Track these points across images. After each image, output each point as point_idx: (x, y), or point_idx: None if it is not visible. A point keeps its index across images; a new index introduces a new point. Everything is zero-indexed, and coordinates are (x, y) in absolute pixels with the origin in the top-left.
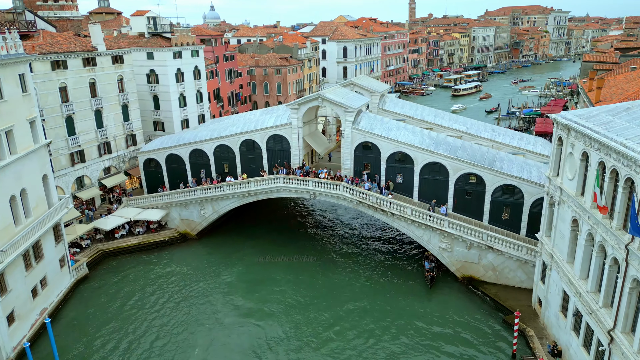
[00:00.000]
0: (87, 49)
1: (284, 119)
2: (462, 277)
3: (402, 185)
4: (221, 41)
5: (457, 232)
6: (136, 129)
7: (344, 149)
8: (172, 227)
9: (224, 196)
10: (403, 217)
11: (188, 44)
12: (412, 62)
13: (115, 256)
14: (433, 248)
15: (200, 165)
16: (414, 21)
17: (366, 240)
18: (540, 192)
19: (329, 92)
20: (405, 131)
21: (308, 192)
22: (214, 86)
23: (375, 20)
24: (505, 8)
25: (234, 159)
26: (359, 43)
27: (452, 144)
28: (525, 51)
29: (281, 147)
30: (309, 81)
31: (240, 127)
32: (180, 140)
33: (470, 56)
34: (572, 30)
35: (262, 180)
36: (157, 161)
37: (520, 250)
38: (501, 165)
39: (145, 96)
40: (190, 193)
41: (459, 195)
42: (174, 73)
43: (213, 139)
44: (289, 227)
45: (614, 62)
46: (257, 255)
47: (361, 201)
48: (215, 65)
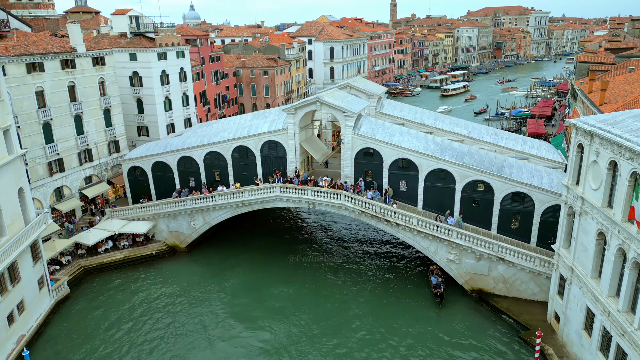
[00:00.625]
0: (65, 50)
1: (279, 124)
2: (471, 289)
3: (406, 193)
4: (207, 41)
5: (466, 243)
6: (119, 134)
7: (344, 156)
8: (159, 239)
9: (216, 207)
10: (409, 228)
11: (173, 44)
12: (397, 62)
13: (99, 273)
14: (440, 260)
15: (189, 173)
16: (397, 21)
17: (366, 249)
18: (552, 200)
19: (327, 96)
20: (409, 136)
21: (307, 202)
22: (200, 88)
23: (360, 21)
24: (487, 8)
25: (226, 167)
26: (346, 43)
27: (458, 150)
28: (508, 51)
29: (276, 153)
30: (297, 82)
31: (233, 132)
32: (167, 147)
33: (455, 56)
34: (552, 30)
35: (257, 189)
36: (143, 169)
37: (533, 262)
38: (510, 172)
39: (128, 100)
40: (179, 204)
41: (466, 204)
42: (158, 75)
43: (203, 145)
44: (285, 235)
45: (610, 62)
46: (252, 269)
47: (364, 211)
48: (201, 67)
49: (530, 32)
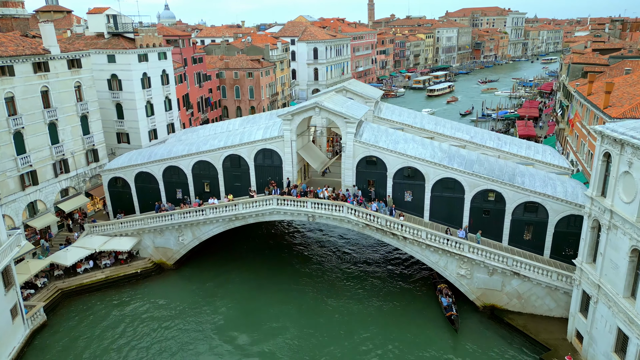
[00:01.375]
0: (38, 52)
1: (274, 130)
2: (483, 306)
3: (411, 203)
4: (189, 42)
5: (478, 257)
6: (98, 142)
7: (345, 164)
8: (144, 256)
9: (207, 221)
10: (417, 242)
11: (155, 45)
12: (380, 63)
13: (79, 295)
14: (450, 275)
15: (176, 184)
16: (377, 22)
17: (368, 263)
18: (567, 210)
19: (326, 101)
20: (414, 143)
21: (306, 215)
22: (183, 91)
23: (343, 21)
24: (465, 9)
25: (216, 177)
26: (330, 44)
27: (467, 157)
28: (487, 52)
29: (271, 162)
30: (282, 84)
31: (223, 140)
32: (152, 156)
33: (435, 57)
34: (529, 31)
35: (252, 202)
36: (125, 180)
37: (550, 277)
38: (522, 180)
39: (106, 105)
40: (166, 218)
41: (476, 214)
42: (139, 78)
43: (191, 154)
44: (279, 247)
45: (604, 64)
46: (247, 285)
47: (368, 224)
48: (184, 69)
49: (508, 33)
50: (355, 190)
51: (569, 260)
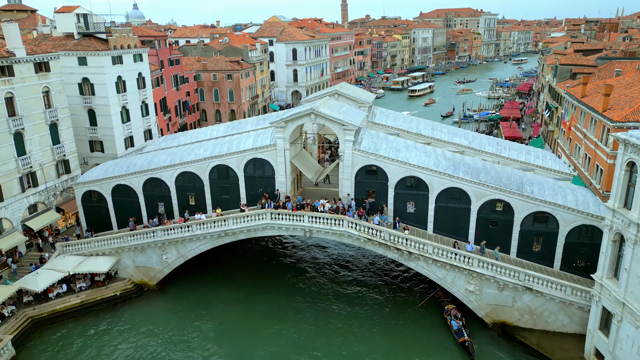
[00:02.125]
0: (1, 55)
1: (265, 139)
2: (493, 322)
3: (414, 215)
4: (165, 43)
5: (488, 272)
6: (69, 152)
7: (343, 174)
8: (124, 276)
9: (193, 237)
10: (423, 257)
11: (129, 46)
12: (358, 64)
13: (52, 324)
14: (458, 291)
15: (158, 197)
16: (353, 22)
17: (365, 272)
18: (579, 220)
19: (322, 106)
20: (416, 151)
21: (303, 230)
22: (160, 95)
23: (320, 21)
24: (439, 10)
25: (202, 189)
26: (309, 45)
27: (472, 166)
28: (461, 52)
29: (263, 173)
30: (262, 86)
31: (210, 149)
32: (130, 167)
33: (411, 57)
34: (500, 32)
35: (244, 216)
36: (100, 194)
37: (564, 291)
38: (531, 189)
39: (77, 111)
40: (148, 235)
41: (483, 226)
42: (113, 82)
43: (175, 165)
44: (272, 261)
45: (592, 65)
46: (238, 304)
47: (371, 239)
48: (161, 71)
49: (481, 34)
50: (349, 200)
51: (580, 272)
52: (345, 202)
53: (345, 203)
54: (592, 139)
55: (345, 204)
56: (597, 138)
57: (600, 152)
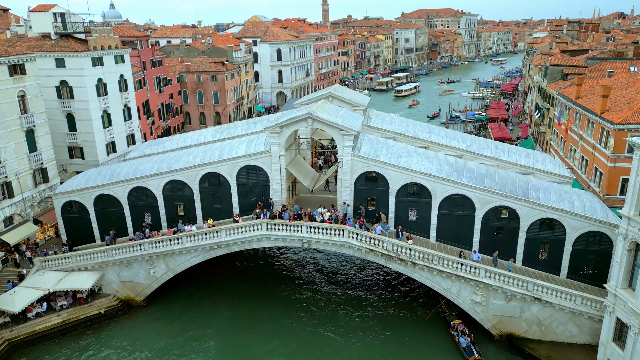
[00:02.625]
0: None
1: (259, 144)
2: (500, 334)
3: (416, 223)
4: (147, 43)
5: (496, 283)
6: (47, 160)
7: (342, 181)
8: (108, 292)
9: (183, 250)
10: (428, 267)
11: (110, 47)
12: (342, 64)
13: (31, 346)
14: (463, 302)
15: (144, 207)
16: (335, 22)
17: (363, 281)
18: (586, 227)
19: (319, 110)
20: (418, 156)
21: (300, 240)
22: (143, 98)
23: (304, 21)
24: (420, 10)
25: (192, 199)
26: (293, 45)
27: (476, 171)
28: (443, 53)
29: (257, 181)
30: (247, 88)
31: (200, 156)
32: (114, 176)
33: (394, 58)
34: (481, 32)
35: (237, 227)
36: (82, 204)
37: (574, 301)
38: (537, 195)
39: (55, 115)
40: (135, 248)
41: (487, 233)
42: (94, 84)
43: (162, 173)
44: (264, 273)
45: (582, 66)
46: (233, 319)
47: (373, 249)
48: (143, 73)
49: (462, 34)
50: (345, 208)
51: (587, 280)
52: (342, 211)
53: (341, 211)
54: (589, 141)
55: (341, 213)
56: (596, 140)
57: (599, 154)
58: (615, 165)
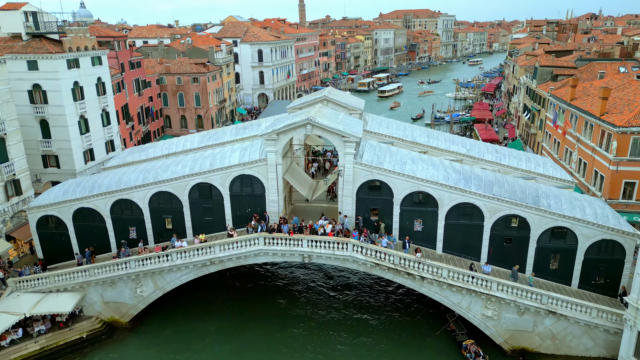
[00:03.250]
0: None
1: (254, 152)
2: (512, 349)
3: (422, 234)
4: (125, 44)
5: (509, 296)
6: (20, 170)
7: (343, 191)
8: (90, 314)
9: (173, 268)
10: (437, 281)
11: (87, 48)
12: (322, 65)
13: None
14: (474, 316)
15: (128, 221)
16: (314, 23)
17: (366, 299)
18: (599, 235)
19: (319, 116)
20: (423, 163)
21: (301, 255)
22: (122, 102)
23: (284, 21)
24: (398, 11)
25: (181, 211)
26: (274, 45)
27: (484, 178)
28: (421, 53)
29: (251, 191)
30: (229, 89)
31: (189, 165)
32: (95, 187)
33: (374, 59)
34: (457, 33)
35: (232, 242)
36: (59, 219)
37: (589, 314)
38: (548, 203)
39: (27, 121)
40: (120, 266)
41: (496, 243)
42: (69, 88)
43: (148, 184)
44: (259, 282)
45: (572, 67)
46: (226, 337)
47: (379, 263)
48: (121, 75)
49: (440, 35)
50: (342, 218)
51: (599, 290)
52: (340, 221)
53: (339, 222)
54: (587, 144)
55: (340, 223)
56: (596, 143)
57: (599, 157)
58: (617, 168)
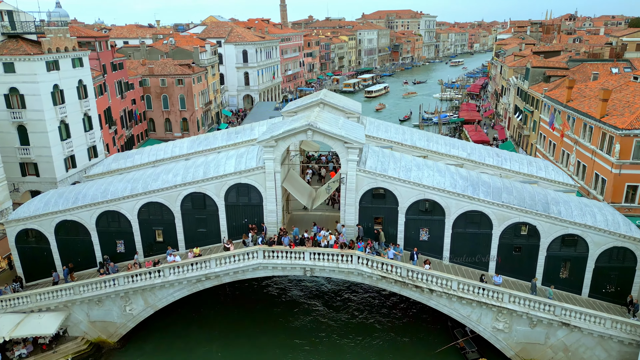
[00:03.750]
0: None
1: (250, 160)
2: None
3: (428, 243)
4: (107, 44)
5: (521, 308)
6: None
7: (346, 199)
8: (76, 334)
9: (166, 284)
10: (446, 294)
11: (67, 49)
12: (307, 66)
13: None
14: (484, 330)
15: (116, 234)
16: (297, 23)
17: (369, 311)
18: (610, 242)
19: (320, 121)
20: (428, 169)
21: (303, 268)
22: (104, 105)
23: (268, 22)
24: (381, 12)
25: (172, 223)
26: (259, 46)
27: (492, 185)
28: (404, 54)
29: (248, 201)
30: (214, 91)
31: (181, 173)
32: (79, 198)
33: (358, 59)
34: (439, 34)
35: (229, 256)
36: (41, 233)
37: (603, 325)
38: (558, 210)
39: (4, 127)
40: (107, 284)
41: (505, 252)
42: (49, 92)
43: (137, 194)
44: (252, 290)
45: (564, 67)
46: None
47: (386, 276)
48: (103, 77)
49: (422, 35)
50: (339, 227)
51: (609, 299)
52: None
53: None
54: (587, 147)
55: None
56: (596, 146)
57: (601, 160)
58: (620, 172)
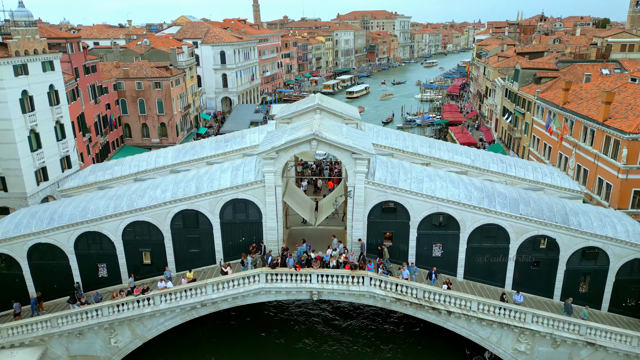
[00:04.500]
0: None
1: (248, 173)
2: None
3: (442, 259)
4: (79, 46)
5: (545, 329)
6: None
7: (353, 214)
8: None
9: (156, 313)
10: (465, 315)
11: (36, 51)
12: (285, 67)
13: None
14: (505, 352)
15: (97, 257)
16: (272, 23)
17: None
18: (631, 254)
19: (324, 129)
20: (441, 181)
21: (309, 292)
22: (77, 111)
23: (244, 22)
24: (356, 12)
25: (161, 243)
26: (237, 47)
27: (508, 196)
28: (380, 54)
29: (246, 217)
30: (192, 94)
31: (171, 189)
32: (55, 219)
33: (335, 60)
34: (414, 34)
35: (228, 281)
36: (11, 257)
37: (629, 343)
38: (578, 221)
39: None
40: (89, 314)
41: (522, 268)
42: (17, 98)
43: (121, 213)
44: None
45: (553, 69)
46: None
47: (400, 298)
48: (76, 81)
49: (397, 36)
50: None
51: (629, 313)
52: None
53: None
54: (589, 151)
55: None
56: (599, 150)
57: (605, 165)
58: (627, 177)
